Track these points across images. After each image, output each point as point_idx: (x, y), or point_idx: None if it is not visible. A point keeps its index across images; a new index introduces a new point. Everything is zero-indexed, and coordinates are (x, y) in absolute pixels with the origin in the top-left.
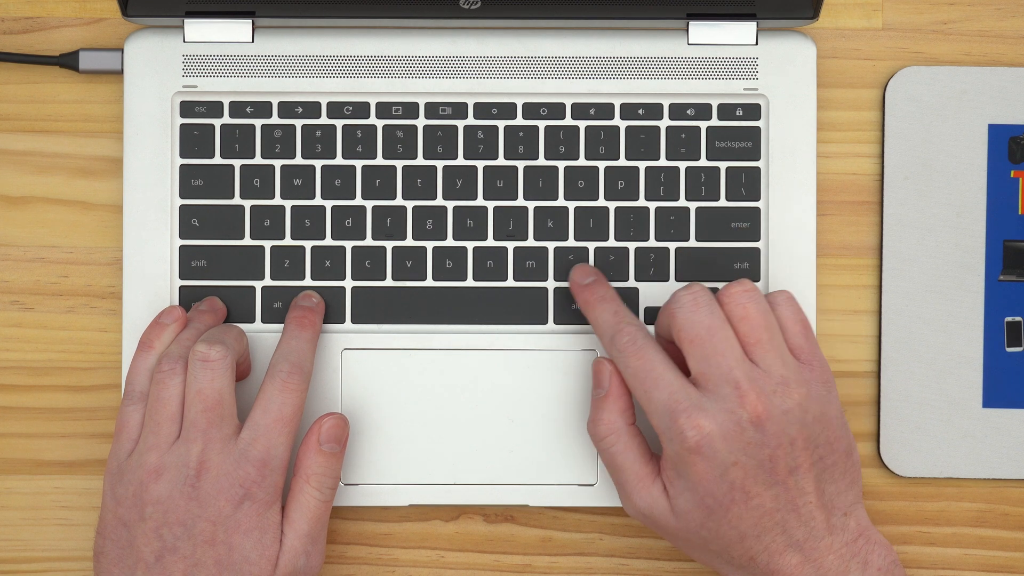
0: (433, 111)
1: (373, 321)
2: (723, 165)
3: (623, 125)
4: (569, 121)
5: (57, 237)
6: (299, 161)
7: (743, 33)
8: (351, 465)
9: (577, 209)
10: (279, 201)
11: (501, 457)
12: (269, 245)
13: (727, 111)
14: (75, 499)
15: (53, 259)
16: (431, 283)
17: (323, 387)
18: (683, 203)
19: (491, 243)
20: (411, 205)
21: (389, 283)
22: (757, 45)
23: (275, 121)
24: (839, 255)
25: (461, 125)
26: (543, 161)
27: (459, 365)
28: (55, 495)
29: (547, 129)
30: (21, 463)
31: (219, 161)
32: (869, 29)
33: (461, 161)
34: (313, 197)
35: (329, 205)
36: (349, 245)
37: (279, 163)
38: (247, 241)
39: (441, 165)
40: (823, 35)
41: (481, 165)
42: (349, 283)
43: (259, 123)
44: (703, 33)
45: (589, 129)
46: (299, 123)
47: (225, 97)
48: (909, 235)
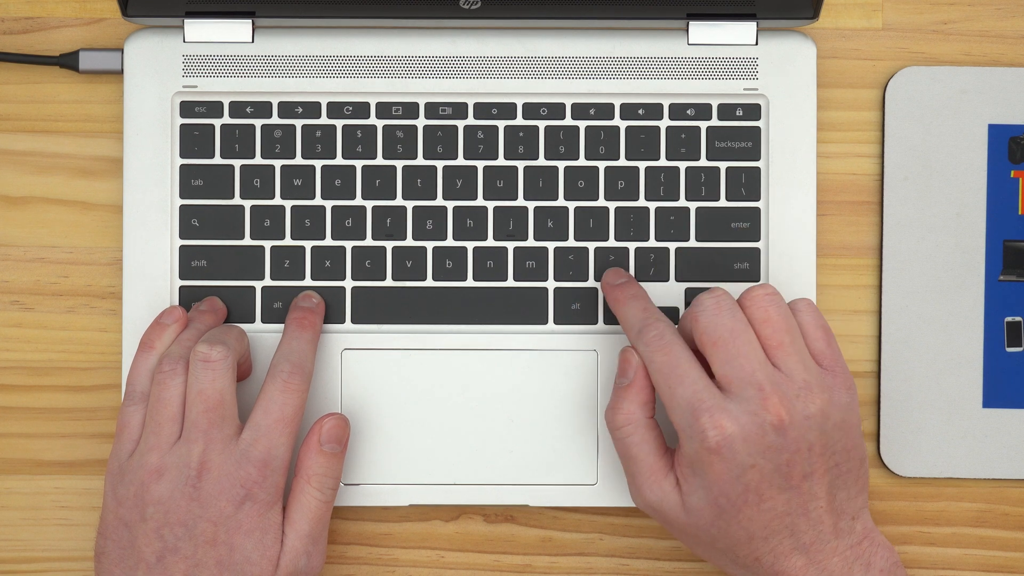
0: (433, 111)
1: (373, 321)
2: (723, 165)
3: (623, 125)
4: (569, 121)
5: (57, 237)
6: (299, 161)
7: (743, 33)
8: (351, 465)
9: (577, 209)
10: (279, 201)
11: (501, 457)
12: (269, 245)
13: (727, 111)
14: (75, 499)
15: (53, 259)
16: (431, 283)
17: (323, 387)
18: (683, 203)
19: (491, 243)
20: (411, 205)
21: (389, 283)
22: (757, 45)
23: (275, 121)
24: (839, 255)
25: (461, 125)
26: (543, 161)
27: (459, 365)
28: (55, 495)
29: (547, 129)
30: (21, 463)
31: (219, 161)
32: (869, 29)
33: (461, 161)
34: (313, 197)
35: (329, 205)
36: (349, 245)
37: (279, 163)
38: (247, 241)
39: (441, 165)
40: (823, 35)
41: (481, 165)
42: (349, 283)
43: (259, 123)
44: (703, 33)
45: (589, 129)
46: (299, 123)
47: (225, 97)
48: (909, 235)
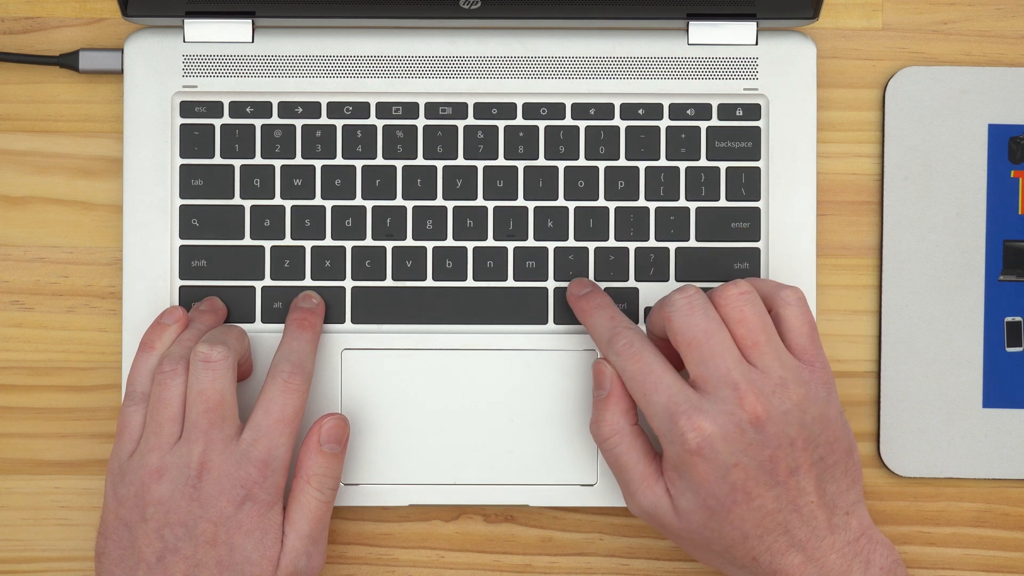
0: (433, 111)
1: (373, 321)
2: (723, 165)
3: (623, 125)
4: (569, 121)
5: (57, 237)
6: (299, 161)
7: (743, 33)
8: (351, 465)
9: (577, 209)
10: (279, 201)
11: (501, 457)
12: (269, 245)
13: (727, 111)
14: (75, 499)
15: (53, 259)
16: (431, 283)
17: (323, 387)
18: (683, 203)
19: (491, 243)
20: (411, 205)
21: (389, 283)
22: (757, 45)
23: (275, 121)
24: (839, 255)
25: (461, 125)
26: (543, 161)
27: (459, 365)
28: (55, 495)
29: (547, 129)
30: (21, 463)
31: (219, 161)
32: (869, 29)
33: (461, 161)
34: (313, 197)
35: (329, 205)
36: (349, 245)
37: (279, 163)
38: (247, 241)
39: (441, 165)
40: (823, 35)
41: (481, 165)
42: (349, 283)
43: (259, 123)
44: (703, 33)
45: (589, 129)
46: (299, 123)
47: (225, 97)
48: (909, 235)
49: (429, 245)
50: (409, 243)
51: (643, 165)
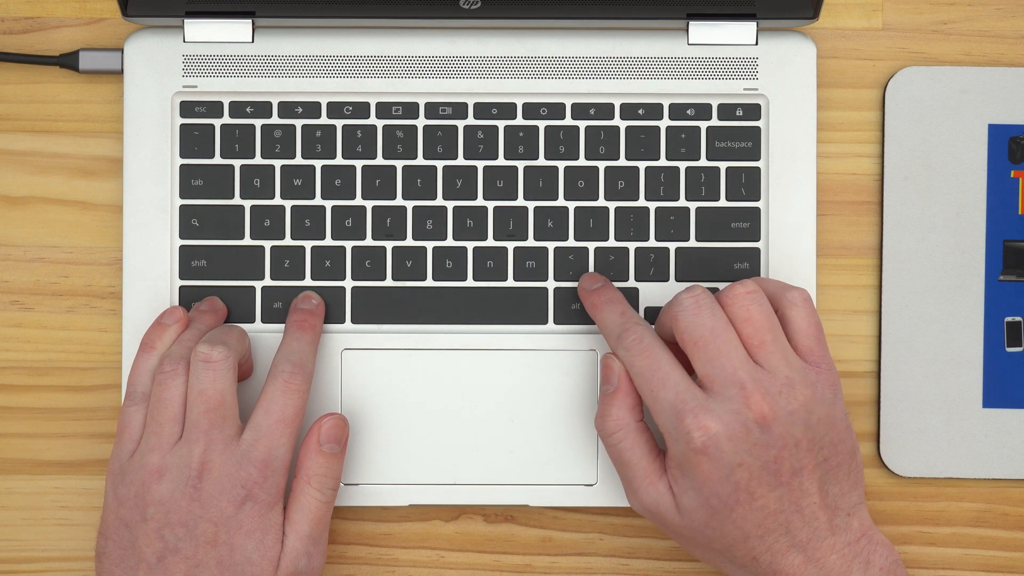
0: (433, 111)
1: (373, 321)
2: (723, 165)
3: (623, 125)
4: (569, 121)
5: (57, 237)
6: (299, 161)
7: (743, 33)
8: (351, 465)
9: (577, 209)
10: (279, 201)
11: (501, 457)
12: (269, 245)
13: (727, 111)
14: (75, 499)
15: (53, 259)
16: (431, 283)
17: (323, 387)
18: (683, 203)
19: (491, 243)
20: (411, 205)
21: (389, 283)
22: (757, 45)
23: (275, 121)
24: (839, 255)
25: (461, 125)
26: (543, 161)
27: (459, 365)
28: (55, 495)
29: (547, 129)
30: (21, 463)
31: (219, 161)
32: (869, 29)
33: (461, 161)
34: (313, 197)
35: (329, 205)
36: (349, 245)
37: (279, 163)
38: (247, 241)
39: (441, 165)
40: (823, 35)
41: (481, 165)
42: (349, 283)
43: (259, 123)
44: (703, 33)
45: (589, 129)
46: (299, 123)
47: (225, 97)
48: (909, 235)
49: (429, 245)
50: (409, 243)
51: (643, 165)
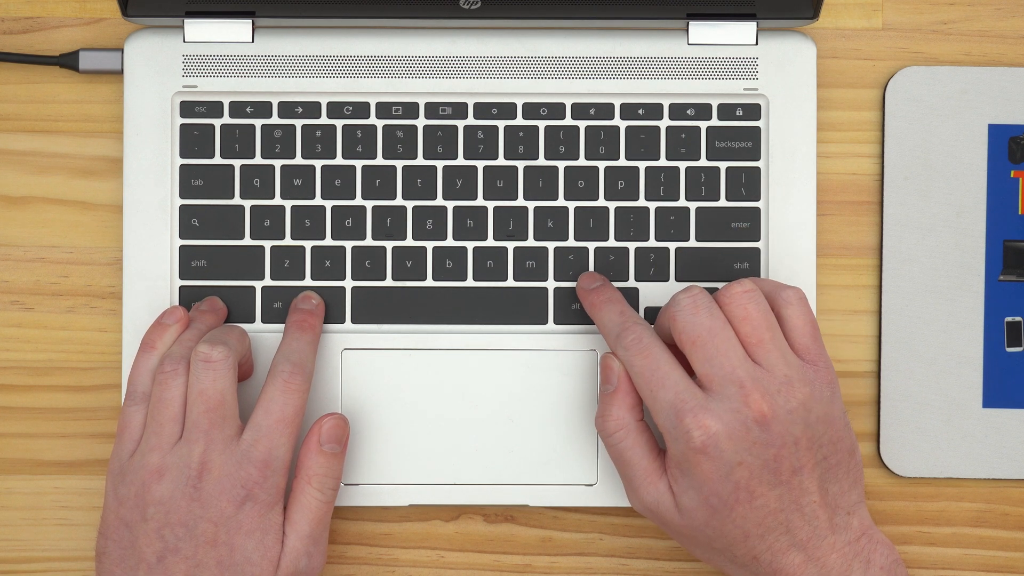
0: (433, 111)
1: (373, 321)
2: (723, 165)
3: (623, 125)
4: (569, 121)
5: (57, 237)
6: (299, 161)
7: (743, 33)
8: (351, 465)
9: (577, 209)
10: (279, 201)
11: (501, 457)
12: (269, 245)
13: (727, 111)
14: (75, 499)
15: (53, 259)
16: (431, 283)
17: (323, 387)
18: (683, 203)
19: (491, 243)
20: (411, 205)
21: (389, 283)
22: (757, 45)
23: (275, 121)
24: (839, 255)
25: (461, 125)
26: (543, 161)
27: (459, 365)
28: (55, 495)
29: (547, 129)
30: (21, 463)
31: (219, 161)
32: (869, 29)
33: (461, 161)
34: (313, 197)
35: (329, 205)
36: (349, 245)
37: (279, 163)
38: (247, 241)
39: (441, 165)
40: (823, 35)
41: (481, 165)
42: (349, 283)
43: (259, 123)
44: (703, 33)
45: (589, 129)
46: (299, 123)
47: (225, 97)
48: (909, 235)
49: (429, 245)
50: (409, 243)
51: (643, 165)
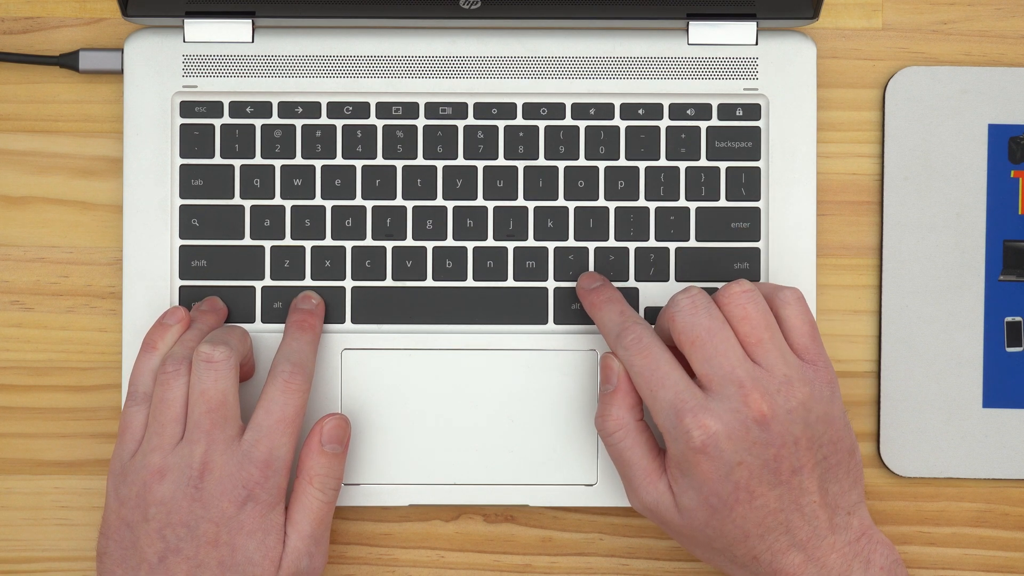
0: (433, 111)
1: (373, 321)
2: (723, 165)
3: (623, 125)
4: (569, 121)
5: (57, 237)
6: (299, 161)
7: (743, 33)
8: (352, 465)
9: (577, 209)
10: (279, 201)
11: (501, 457)
12: (269, 245)
13: (727, 111)
14: (75, 499)
15: (53, 259)
16: (431, 283)
17: (323, 387)
18: (683, 203)
19: (491, 243)
20: (411, 205)
21: (389, 283)
22: (757, 45)
23: (275, 121)
24: (839, 255)
25: (461, 125)
26: (543, 161)
27: (459, 365)
28: (55, 495)
29: (547, 129)
30: (21, 463)
31: (219, 161)
32: (869, 29)
33: (461, 161)
34: (313, 197)
35: (329, 205)
36: (349, 245)
37: (279, 163)
38: (247, 241)
39: (441, 165)
40: (823, 35)
41: (481, 165)
42: (349, 283)
43: (259, 123)
44: (703, 33)
45: (589, 129)
46: (299, 123)
47: (225, 97)
48: (909, 235)
49: (429, 245)
50: (409, 243)
51: (643, 165)
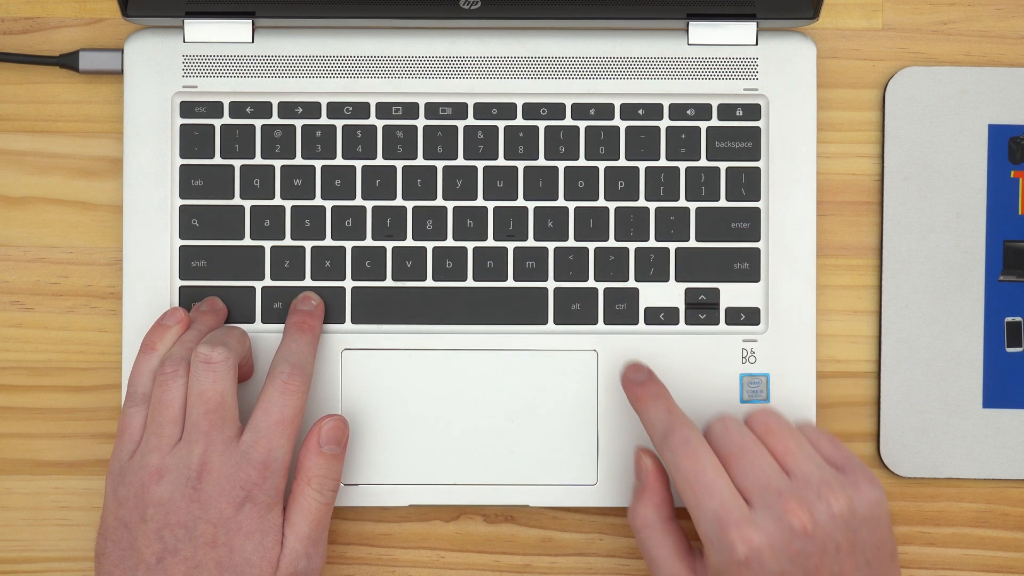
0: (433, 111)
1: (373, 321)
2: (723, 165)
3: (623, 125)
4: (569, 121)
5: (57, 237)
6: (299, 161)
7: (743, 33)
8: (351, 465)
9: (577, 209)
10: (279, 201)
11: (501, 457)
12: (269, 245)
13: (727, 111)
14: (75, 499)
15: (53, 259)
16: (431, 283)
17: (323, 387)
18: (683, 203)
19: (491, 243)
20: (411, 205)
21: (389, 283)
22: (757, 45)
23: (275, 121)
24: (839, 255)
25: (461, 125)
26: (543, 161)
27: (459, 365)
28: (55, 495)
29: (547, 129)
30: (21, 463)
31: (219, 161)
32: (869, 29)
33: (461, 161)
34: (313, 197)
35: (329, 205)
36: (349, 245)
37: (279, 163)
38: (247, 241)
39: (441, 165)
40: (823, 35)
41: (481, 165)
42: (349, 283)
43: (259, 123)
44: (703, 33)
45: (589, 129)
46: (299, 123)
47: (225, 97)
48: (909, 235)
49: (429, 245)
50: (409, 243)
51: (643, 165)
